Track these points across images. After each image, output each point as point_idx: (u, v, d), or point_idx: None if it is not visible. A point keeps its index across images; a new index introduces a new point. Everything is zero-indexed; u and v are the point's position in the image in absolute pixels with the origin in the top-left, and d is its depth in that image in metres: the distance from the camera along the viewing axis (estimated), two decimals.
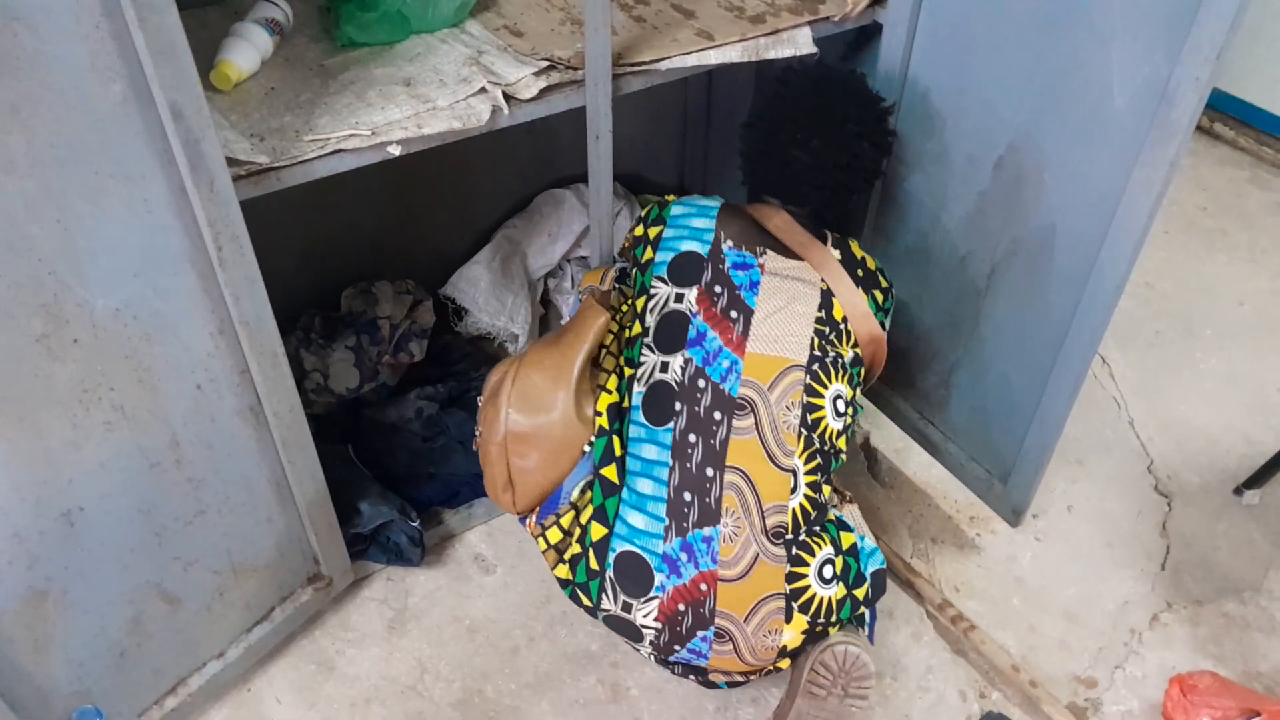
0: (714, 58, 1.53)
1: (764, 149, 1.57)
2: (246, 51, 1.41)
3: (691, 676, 1.50)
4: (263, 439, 1.40)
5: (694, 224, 1.54)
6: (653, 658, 1.49)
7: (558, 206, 2.08)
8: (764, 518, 1.39)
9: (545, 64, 1.45)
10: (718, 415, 1.41)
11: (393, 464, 1.82)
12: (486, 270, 2.03)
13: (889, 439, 2.00)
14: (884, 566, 1.50)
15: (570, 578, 1.44)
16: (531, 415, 1.42)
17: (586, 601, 1.43)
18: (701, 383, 1.43)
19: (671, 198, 1.62)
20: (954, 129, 1.62)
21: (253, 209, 1.21)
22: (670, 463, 1.40)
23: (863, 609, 1.45)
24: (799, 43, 1.58)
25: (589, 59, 1.40)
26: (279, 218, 1.58)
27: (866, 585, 1.46)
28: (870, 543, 1.51)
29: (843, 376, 1.48)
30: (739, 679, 1.48)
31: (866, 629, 1.49)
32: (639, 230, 1.60)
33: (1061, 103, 1.44)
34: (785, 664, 1.44)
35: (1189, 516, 1.88)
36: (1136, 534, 1.85)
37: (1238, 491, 1.90)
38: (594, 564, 1.41)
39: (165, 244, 1.15)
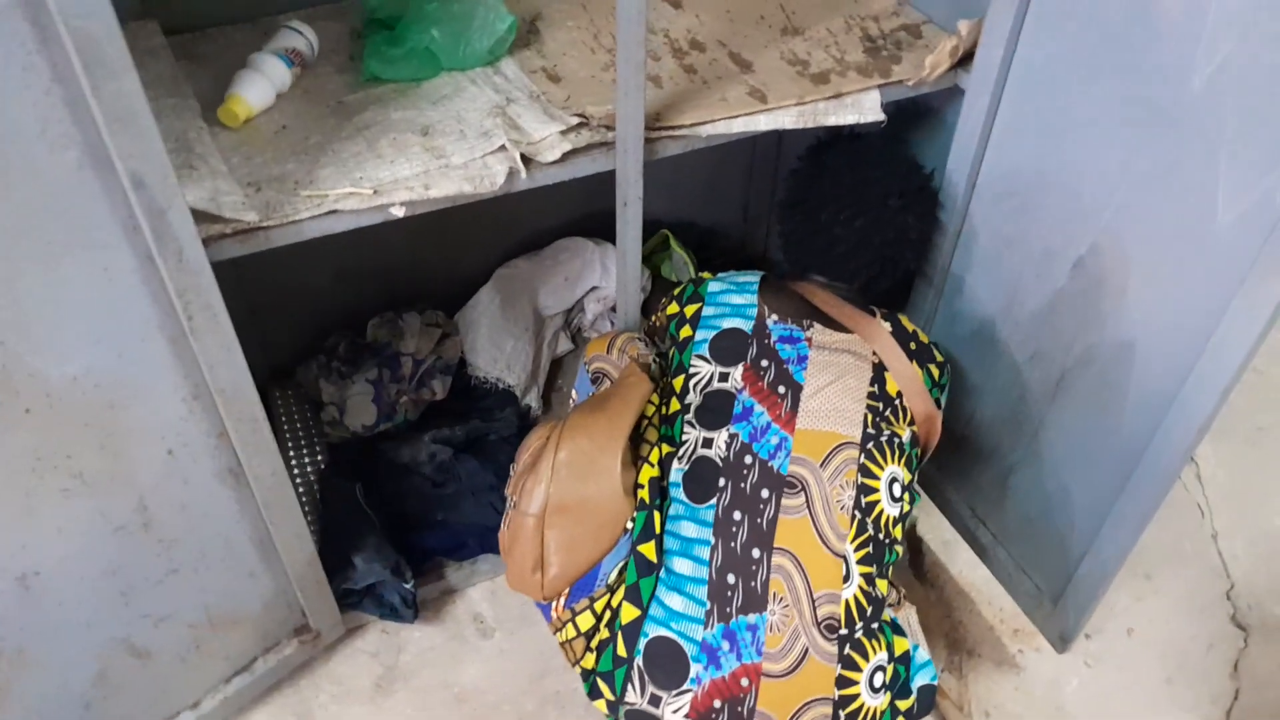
0: (764, 123, 1.37)
1: (808, 230, 1.47)
2: (260, 85, 1.33)
3: None
4: (244, 500, 1.33)
5: (734, 300, 1.45)
6: None
7: (577, 254, 1.95)
8: (815, 607, 1.26)
9: (576, 120, 1.32)
10: (765, 493, 1.29)
11: (401, 507, 1.75)
12: (484, 315, 1.90)
13: (936, 529, 1.83)
14: (934, 683, 1.35)
15: (594, 667, 1.30)
16: (579, 485, 1.27)
17: (608, 694, 1.28)
18: (748, 459, 1.31)
19: (706, 274, 1.52)
20: (1032, 216, 1.44)
21: None
22: (712, 541, 1.28)
23: None
24: (864, 108, 1.42)
25: (620, 123, 1.27)
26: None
27: (912, 700, 1.32)
28: (924, 654, 1.36)
29: (899, 458, 1.35)
30: None
31: None
32: (673, 308, 1.49)
33: (1156, 209, 1.25)
34: None
35: (1267, 655, 1.67)
36: (1203, 670, 1.66)
37: None
38: (622, 650, 1.27)
39: (130, 311, 1.07)
